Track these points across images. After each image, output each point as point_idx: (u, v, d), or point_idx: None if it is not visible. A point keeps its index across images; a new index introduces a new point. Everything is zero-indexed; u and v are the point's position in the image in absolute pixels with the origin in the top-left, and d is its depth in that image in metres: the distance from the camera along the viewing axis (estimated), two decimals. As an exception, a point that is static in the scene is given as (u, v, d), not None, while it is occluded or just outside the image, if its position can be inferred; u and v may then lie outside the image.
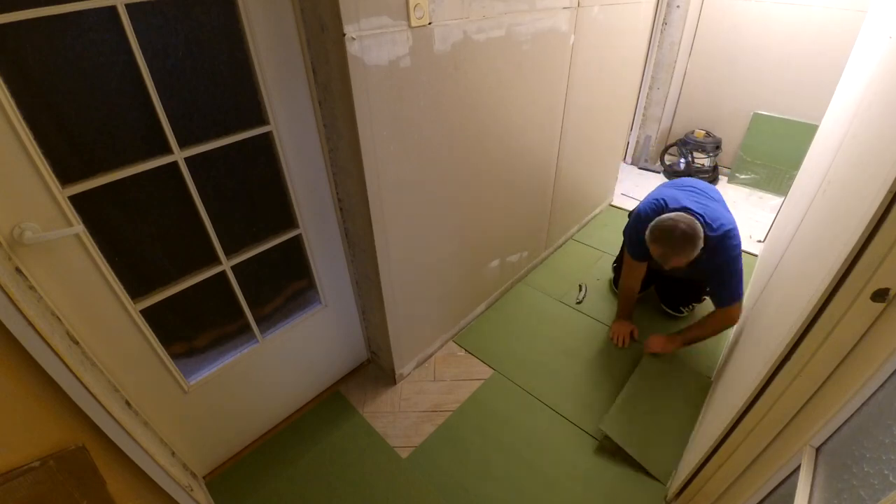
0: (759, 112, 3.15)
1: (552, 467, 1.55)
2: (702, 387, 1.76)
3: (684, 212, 1.62)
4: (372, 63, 1.16)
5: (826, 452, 0.80)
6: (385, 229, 1.44)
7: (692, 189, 1.80)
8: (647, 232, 1.61)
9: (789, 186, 2.40)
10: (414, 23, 1.21)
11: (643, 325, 2.08)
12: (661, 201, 1.72)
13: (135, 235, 1.11)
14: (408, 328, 1.76)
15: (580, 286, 2.22)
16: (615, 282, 2.33)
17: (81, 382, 0.88)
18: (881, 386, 0.70)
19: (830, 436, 0.80)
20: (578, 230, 2.85)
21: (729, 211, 1.75)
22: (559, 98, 1.99)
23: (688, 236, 1.52)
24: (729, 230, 1.61)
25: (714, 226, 1.59)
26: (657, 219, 1.61)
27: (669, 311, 2.16)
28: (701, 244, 1.54)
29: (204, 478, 1.52)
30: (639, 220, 1.76)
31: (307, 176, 1.37)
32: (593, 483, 1.50)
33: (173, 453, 1.31)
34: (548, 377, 1.87)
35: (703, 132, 3.32)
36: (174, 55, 1.01)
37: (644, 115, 3.52)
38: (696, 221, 1.56)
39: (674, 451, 1.56)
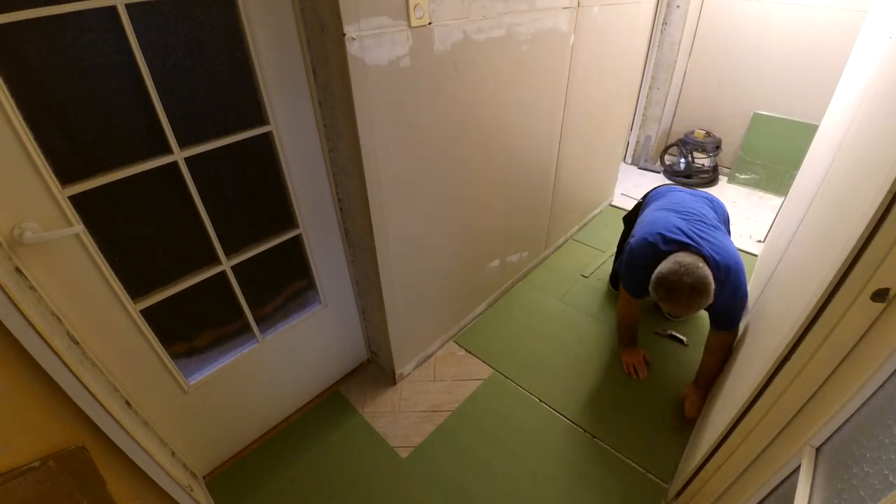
0: (759, 112, 3.15)
1: (552, 467, 1.55)
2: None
3: (685, 250, 1.49)
4: (372, 63, 1.16)
5: (826, 452, 0.80)
6: (385, 229, 1.44)
7: (690, 214, 1.64)
8: (653, 286, 1.48)
9: (789, 186, 2.40)
10: (414, 23, 1.21)
11: (642, 324, 2.08)
12: (657, 237, 1.56)
13: (135, 235, 1.11)
14: (408, 328, 1.76)
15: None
16: (612, 280, 2.33)
17: (81, 382, 0.88)
18: (881, 386, 0.70)
19: (830, 436, 0.80)
20: (578, 230, 2.85)
21: (730, 239, 1.62)
22: (559, 98, 1.99)
23: (697, 292, 1.39)
24: (734, 266, 1.48)
25: (721, 265, 1.46)
26: (661, 270, 1.45)
27: (669, 315, 2.15)
28: (712, 294, 1.42)
29: (204, 478, 1.52)
30: (634, 260, 1.63)
31: (307, 176, 1.37)
32: (593, 483, 1.50)
33: (173, 453, 1.31)
34: (547, 377, 1.87)
35: (703, 132, 3.32)
36: (174, 55, 1.01)
37: (644, 115, 3.52)
38: (702, 267, 1.42)
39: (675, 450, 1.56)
